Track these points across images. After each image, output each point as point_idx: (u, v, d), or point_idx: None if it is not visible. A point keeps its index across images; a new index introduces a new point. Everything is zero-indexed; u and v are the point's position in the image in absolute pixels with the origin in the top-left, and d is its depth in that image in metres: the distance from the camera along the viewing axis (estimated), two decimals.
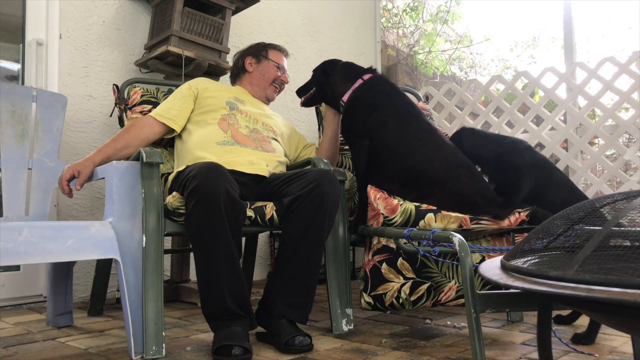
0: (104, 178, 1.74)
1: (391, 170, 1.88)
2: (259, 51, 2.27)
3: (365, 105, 2.00)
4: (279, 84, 2.27)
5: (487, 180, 1.92)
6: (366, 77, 2.09)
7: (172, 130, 2.03)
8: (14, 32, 2.52)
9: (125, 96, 2.21)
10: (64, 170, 1.75)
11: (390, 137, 1.90)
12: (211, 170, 1.58)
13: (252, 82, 2.25)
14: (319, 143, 2.31)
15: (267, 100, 2.28)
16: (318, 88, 2.20)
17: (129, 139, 1.91)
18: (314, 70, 2.26)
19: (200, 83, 2.13)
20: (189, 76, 2.50)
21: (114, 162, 1.68)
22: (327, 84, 2.16)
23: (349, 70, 2.15)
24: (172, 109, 2.02)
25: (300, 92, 2.28)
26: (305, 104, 2.28)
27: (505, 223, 1.68)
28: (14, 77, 2.55)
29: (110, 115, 2.38)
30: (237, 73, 2.30)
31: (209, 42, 2.60)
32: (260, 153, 1.97)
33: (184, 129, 2.05)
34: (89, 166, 1.76)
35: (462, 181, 1.79)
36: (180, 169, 1.83)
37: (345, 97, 2.08)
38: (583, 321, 1.95)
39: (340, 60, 2.23)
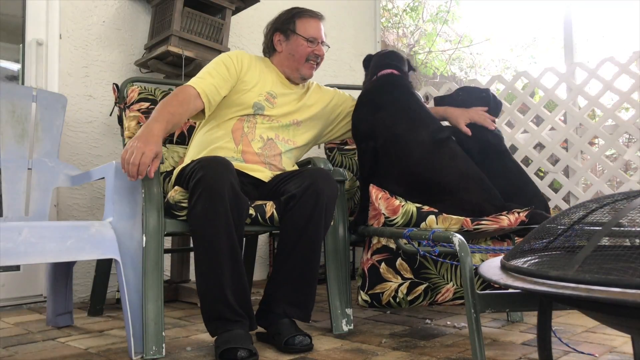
0: (103, 178, 1.74)
1: (399, 174, 1.85)
2: (287, 25, 2.01)
3: (370, 103, 1.96)
4: (314, 59, 2.01)
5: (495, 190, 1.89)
6: (381, 73, 2.03)
7: (199, 115, 1.88)
8: (14, 32, 2.52)
9: (125, 95, 2.21)
10: (144, 151, 1.52)
11: (400, 140, 1.86)
12: (216, 163, 1.58)
13: (282, 64, 2.03)
14: None
15: (303, 80, 2.06)
16: None
17: (182, 109, 1.76)
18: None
19: (244, 66, 1.95)
20: (189, 76, 2.49)
21: (114, 161, 1.67)
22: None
23: (374, 65, 2.10)
24: (216, 92, 1.86)
25: None
26: None
27: (505, 222, 1.68)
28: (14, 77, 2.55)
29: (110, 115, 2.38)
30: (268, 50, 2.09)
31: (209, 42, 2.60)
32: (268, 172, 1.89)
33: None
34: (161, 144, 1.61)
35: (472, 191, 1.78)
36: (184, 164, 1.82)
37: None
38: (583, 321, 1.95)
39: (377, 55, 2.16)
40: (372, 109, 1.94)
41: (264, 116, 1.93)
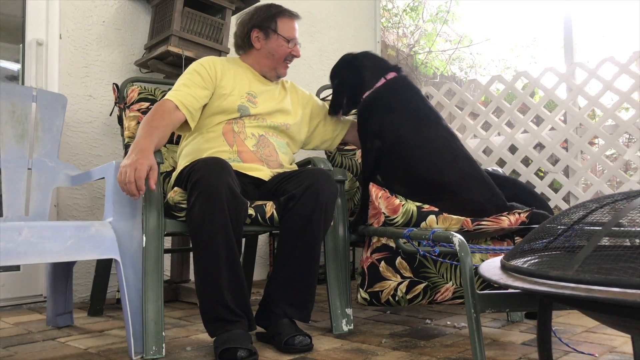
0: (103, 178, 1.74)
1: (403, 174, 1.86)
2: (267, 23, 1.99)
3: (382, 106, 1.95)
4: (290, 59, 2.04)
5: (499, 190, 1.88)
6: (389, 76, 2.02)
7: (184, 126, 1.88)
8: (14, 32, 2.52)
9: (125, 95, 2.21)
10: (136, 167, 1.52)
11: (404, 140, 1.87)
12: (215, 165, 1.58)
13: (260, 62, 2.02)
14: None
15: (278, 78, 2.08)
16: (349, 92, 2.06)
17: (165, 122, 1.75)
18: (335, 77, 2.12)
19: (218, 72, 1.93)
20: None
21: (114, 161, 1.68)
22: (357, 81, 2.03)
23: (377, 66, 2.05)
24: (195, 101, 1.84)
25: (334, 108, 2.10)
26: (345, 114, 2.13)
27: (505, 223, 1.68)
28: (14, 77, 2.55)
29: (110, 115, 2.38)
30: (243, 46, 2.05)
31: (209, 42, 2.60)
32: (267, 170, 1.89)
33: None
34: (153, 157, 1.61)
35: (473, 191, 1.78)
36: (183, 165, 1.82)
37: (365, 94, 2.02)
38: (583, 322, 1.95)
39: (365, 55, 2.10)
40: (384, 112, 1.94)
41: (250, 116, 1.93)
